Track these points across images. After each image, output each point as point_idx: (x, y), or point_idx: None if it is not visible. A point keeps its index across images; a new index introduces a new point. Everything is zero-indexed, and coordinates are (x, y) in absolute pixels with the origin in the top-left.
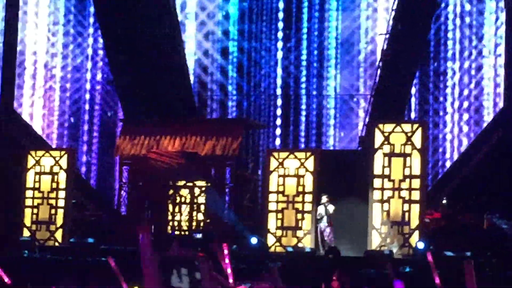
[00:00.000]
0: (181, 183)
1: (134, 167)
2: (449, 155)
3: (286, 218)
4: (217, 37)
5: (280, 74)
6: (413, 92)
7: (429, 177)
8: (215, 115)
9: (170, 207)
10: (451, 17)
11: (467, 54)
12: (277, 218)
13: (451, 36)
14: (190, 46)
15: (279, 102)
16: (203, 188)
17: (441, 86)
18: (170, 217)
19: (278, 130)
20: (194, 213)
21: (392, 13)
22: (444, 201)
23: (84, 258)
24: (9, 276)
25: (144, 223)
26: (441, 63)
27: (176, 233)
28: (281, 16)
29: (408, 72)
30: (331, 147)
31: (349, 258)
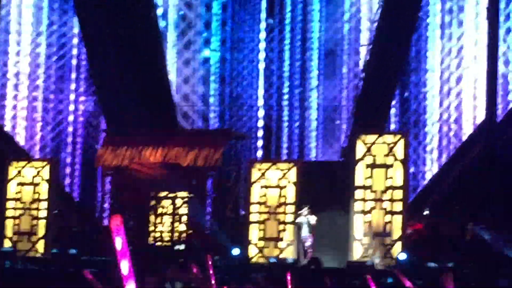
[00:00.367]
0: (163, 193)
1: (116, 178)
2: (429, 167)
3: (268, 229)
4: (198, 47)
5: (262, 85)
6: (393, 103)
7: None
8: (196, 126)
9: (152, 217)
10: (431, 28)
11: (446, 65)
12: (259, 229)
13: (430, 47)
14: (170, 57)
15: (261, 113)
16: (185, 199)
17: (420, 98)
18: (152, 228)
19: (260, 142)
20: (176, 223)
21: (375, 24)
22: (426, 212)
23: (66, 269)
24: None
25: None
26: (420, 75)
27: (158, 244)
28: (263, 26)
29: (390, 83)
30: (313, 159)
31: (331, 269)
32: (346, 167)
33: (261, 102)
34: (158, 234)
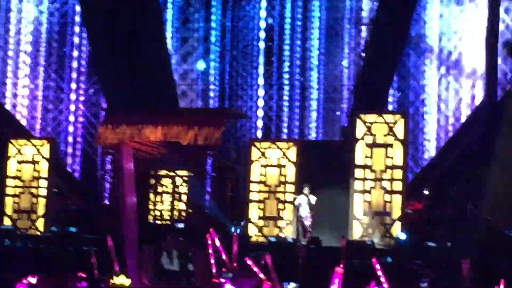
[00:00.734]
0: (163, 172)
1: (116, 157)
2: (429, 147)
3: (267, 208)
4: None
5: (262, 63)
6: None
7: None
8: (195, 106)
9: (152, 196)
10: (429, 6)
11: (447, 50)
12: (258, 208)
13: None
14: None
15: (261, 92)
16: (185, 178)
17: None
18: (151, 206)
19: (260, 121)
20: (176, 202)
21: (375, 3)
22: (426, 192)
23: (66, 247)
24: None
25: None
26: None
27: (158, 222)
28: (264, 5)
29: (390, 63)
30: (313, 139)
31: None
32: (346, 147)
33: (261, 81)
34: (158, 212)
